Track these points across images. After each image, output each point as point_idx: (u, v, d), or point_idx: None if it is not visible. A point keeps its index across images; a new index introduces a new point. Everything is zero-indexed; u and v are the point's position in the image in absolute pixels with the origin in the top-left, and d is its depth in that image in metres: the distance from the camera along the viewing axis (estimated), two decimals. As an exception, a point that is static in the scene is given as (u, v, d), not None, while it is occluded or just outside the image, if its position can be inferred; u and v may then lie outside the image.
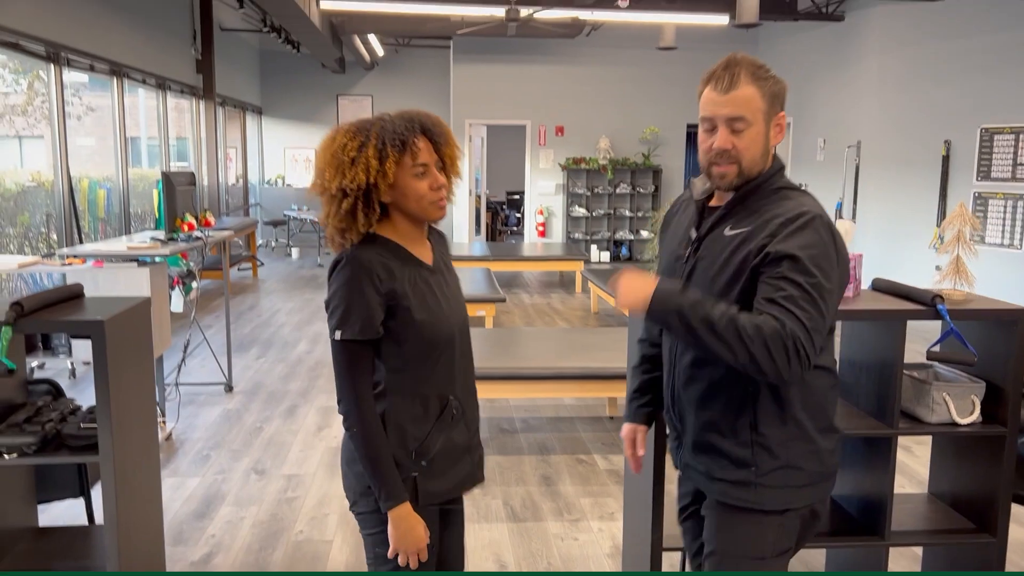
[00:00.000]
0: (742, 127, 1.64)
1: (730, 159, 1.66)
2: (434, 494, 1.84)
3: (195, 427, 4.85)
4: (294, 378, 5.95)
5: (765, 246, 1.61)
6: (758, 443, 1.72)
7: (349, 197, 1.74)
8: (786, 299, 1.55)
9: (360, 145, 1.74)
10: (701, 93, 1.72)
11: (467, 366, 1.93)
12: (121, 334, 2.37)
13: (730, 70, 1.66)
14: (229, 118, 12.60)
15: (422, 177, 1.77)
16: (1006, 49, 8.36)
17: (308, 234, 13.52)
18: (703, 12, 9.49)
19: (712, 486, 1.81)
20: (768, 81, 1.67)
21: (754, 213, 1.68)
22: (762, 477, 1.73)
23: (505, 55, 12.51)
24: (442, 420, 1.83)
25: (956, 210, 2.70)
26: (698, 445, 1.81)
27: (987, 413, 2.61)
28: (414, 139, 1.75)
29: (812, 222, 1.61)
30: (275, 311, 8.51)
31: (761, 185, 1.71)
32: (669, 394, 1.89)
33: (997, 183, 8.50)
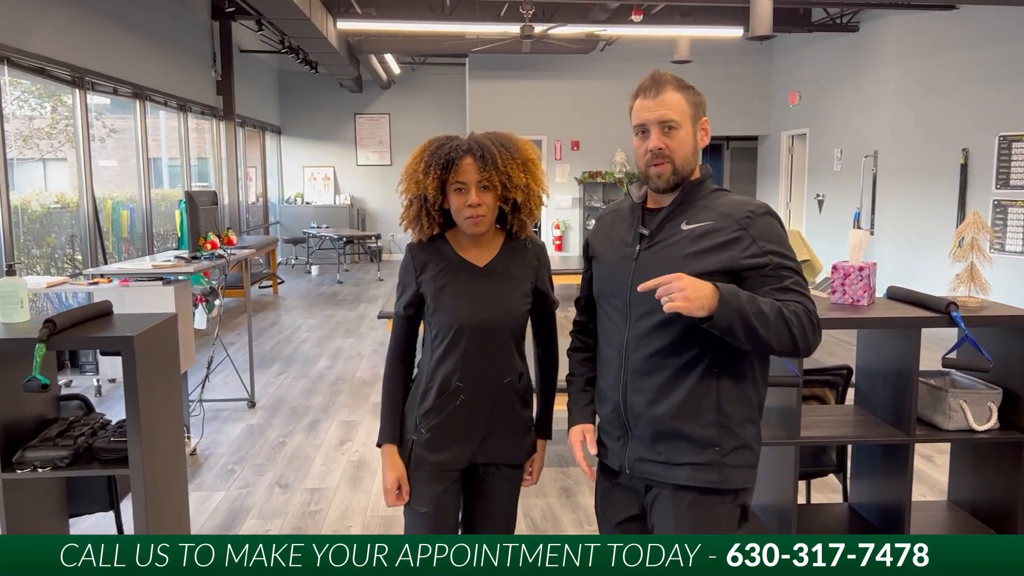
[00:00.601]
0: (672, 127, 1.80)
1: (664, 158, 1.81)
2: (424, 461, 2.07)
3: (219, 442, 4.92)
4: (316, 393, 6.02)
5: (738, 239, 1.76)
6: (721, 423, 1.81)
7: (413, 205, 2.06)
8: (795, 284, 1.75)
9: (419, 159, 2.03)
10: (631, 109, 1.87)
11: (492, 363, 2.07)
12: (150, 349, 2.43)
13: (656, 81, 1.83)
14: (249, 138, 12.78)
15: (460, 194, 2.00)
16: (1022, 57, 8.34)
17: (327, 251, 13.65)
18: (717, 25, 9.54)
19: (675, 472, 1.82)
20: (691, 91, 1.86)
21: (705, 209, 1.83)
22: (726, 456, 1.81)
23: (520, 71, 12.61)
24: (442, 401, 2.06)
25: (970, 217, 2.72)
26: (657, 435, 1.83)
27: (1004, 419, 2.62)
28: (459, 158, 1.98)
29: (769, 213, 1.81)
30: (296, 328, 8.60)
31: (700, 185, 1.86)
32: (616, 391, 1.89)
33: (1016, 191, 8.46)
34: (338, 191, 15.11)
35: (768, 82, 13.00)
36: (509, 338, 2.09)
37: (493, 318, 2.06)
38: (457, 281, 2.07)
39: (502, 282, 2.10)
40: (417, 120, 14.84)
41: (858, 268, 2.70)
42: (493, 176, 1.99)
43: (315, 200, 14.98)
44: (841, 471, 3.19)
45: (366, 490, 4.17)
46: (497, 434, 2.10)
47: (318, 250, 13.76)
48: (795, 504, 2.63)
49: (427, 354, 2.13)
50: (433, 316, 2.08)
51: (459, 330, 2.04)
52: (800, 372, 2.53)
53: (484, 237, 2.11)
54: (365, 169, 15.10)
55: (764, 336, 1.67)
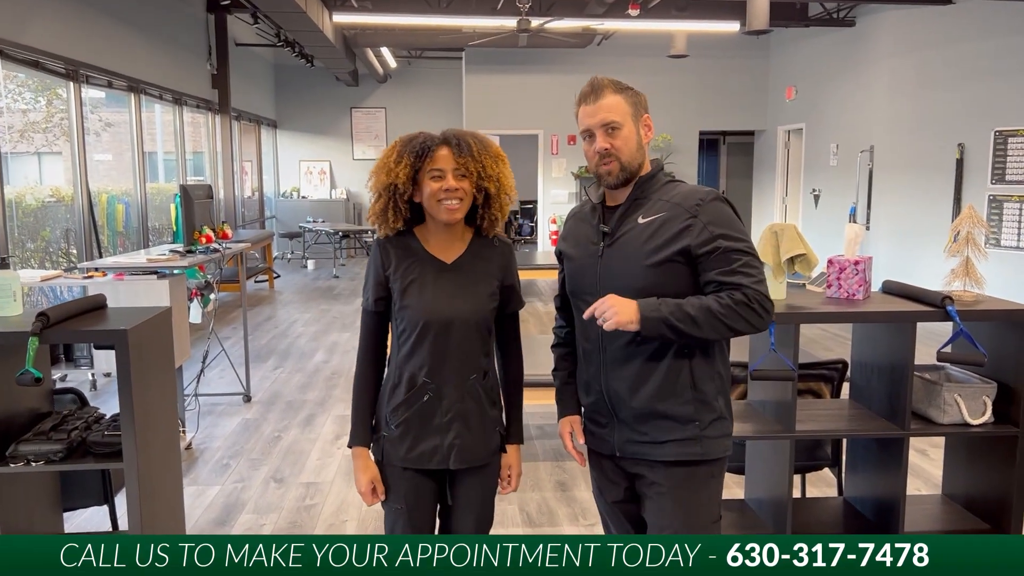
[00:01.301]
0: (615, 127, 1.92)
1: (610, 157, 1.93)
2: (396, 456, 2.09)
3: (214, 437, 4.91)
4: (311, 388, 6.01)
5: (690, 226, 1.87)
6: (698, 399, 1.94)
7: (382, 198, 2.07)
8: (743, 266, 1.86)
9: (391, 152, 2.07)
10: (576, 115, 1.99)
11: (458, 358, 2.08)
12: (144, 343, 2.42)
13: (595, 87, 1.95)
14: (244, 132, 12.74)
15: (436, 180, 2.03)
16: (1018, 52, 8.34)
17: (323, 246, 13.63)
18: (713, 20, 9.52)
19: (661, 449, 1.95)
20: (629, 91, 1.97)
21: (658, 201, 1.95)
22: (705, 429, 1.95)
23: (517, 65, 12.59)
24: (411, 398, 2.08)
25: (965, 212, 2.72)
26: (641, 416, 1.96)
27: (999, 413, 2.62)
28: (434, 147, 2.04)
29: (718, 199, 1.92)
30: (292, 322, 8.59)
31: (652, 179, 1.98)
32: (599, 380, 2.01)
33: (1012, 186, 8.47)
34: (334, 185, 15.09)
35: (764, 77, 12.99)
36: (476, 334, 2.09)
37: (460, 314, 2.07)
38: (424, 276, 2.09)
39: (469, 278, 2.11)
40: (413, 114, 14.82)
41: (854, 262, 2.70)
42: (469, 163, 2.03)
43: (311, 194, 14.95)
44: (836, 465, 3.20)
45: (362, 484, 4.17)
46: (465, 433, 2.09)
47: (314, 244, 13.74)
48: (790, 498, 2.63)
49: (395, 350, 2.15)
50: (400, 311, 2.09)
51: (425, 325, 2.05)
52: (796, 366, 2.53)
53: (454, 233, 2.12)
54: (361, 163, 15.07)
55: (697, 335, 1.82)
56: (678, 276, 1.89)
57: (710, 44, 12.07)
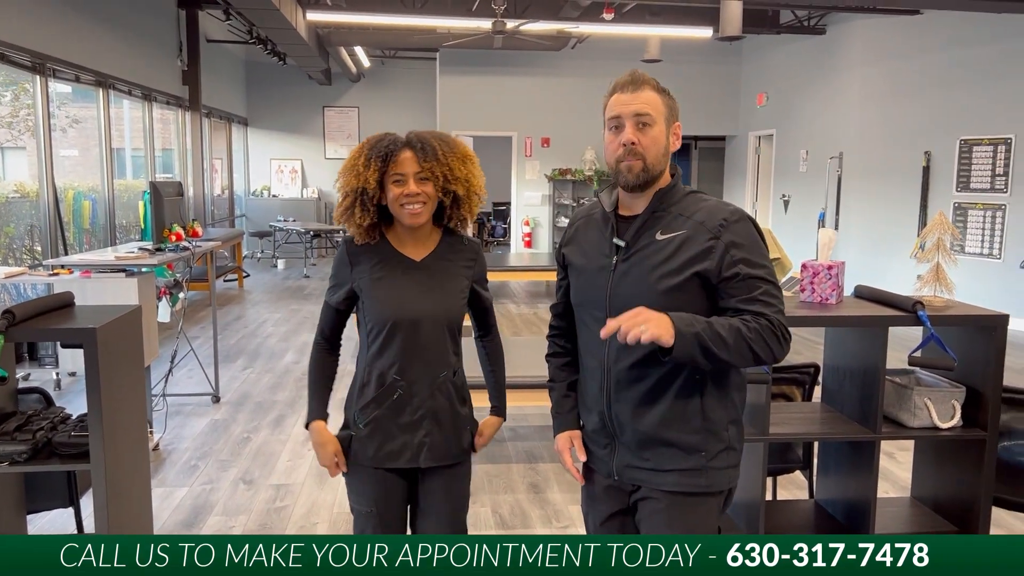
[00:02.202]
0: (647, 122, 1.78)
1: (636, 154, 1.78)
2: (364, 455, 2.09)
3: (182, 438, 4.84)
4: (281, 388, 5.95)
5: (711, 248, 1.75)
6: (706, 428, 1.82)
7: (348, 197, 2.06)
8: (764, 294, 1.74)
9: (359, 154, 2.05)
10: (606, 104, 1.85)
11: (428, 357, 2.08)
12: (113, 342, 2.38)
13: (635, 79, 1.82)
14: (215, 129, 12.60)
15: (398, 185, 2.02)
16: (983, 62, 8.50)
17: (294, 245, 13.50)
18: (687, 25, 9.60)
19: (663, 478, 1.83)
20: (667, 95, 1.85)
21: (679, 217, 1.81)
22: (711, 460, 1.83)
23: (491, 67, 12.58)
24: (380, 396, 2.07)
25: (936, 218, 2.76)
26: (645, 442, 1.84)
27: (967, 417, 2.66)
28: (397, 151, 2.02)
29: (744, 219, 1.79)
30: (261, 322, 8.50)
31: (672, 190, 1.84)
32: (601, 401, 1.89)
33: (976, 193, 8.63)
34: (305, 184, 14.97)
35: (736, 83, 13.11)
36: (445, 333, 2.10)
37: (429, 312, 2.07)
38: (393, 275, 2.08)
39: (438, 277, 2.11)
40: (387, 114, 14.75)
41: (827, 267, 2.72)
42: (434, 167, 2.02)
43: (282, 193, 14.82)
44: (807, 468, 3.23)
45: (332, 487, 4.13)
46: (436, 430, 2.10)
47: (284, 244, 13.61)
48: (764, 501, 2.65)
49: (363, 348, 2.15)
50: (368, 310, 2.08)
51: (395, 324, 2.05)
52: (770, 370, 2.55)
53: (421, 233, 2.12)
54: (334, 162, 14.96)
55: (725, 358, 1.69)
56: (694, 298, 1.77)
57: (683, 49, 12.16)
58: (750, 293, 1.74)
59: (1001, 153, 8.35)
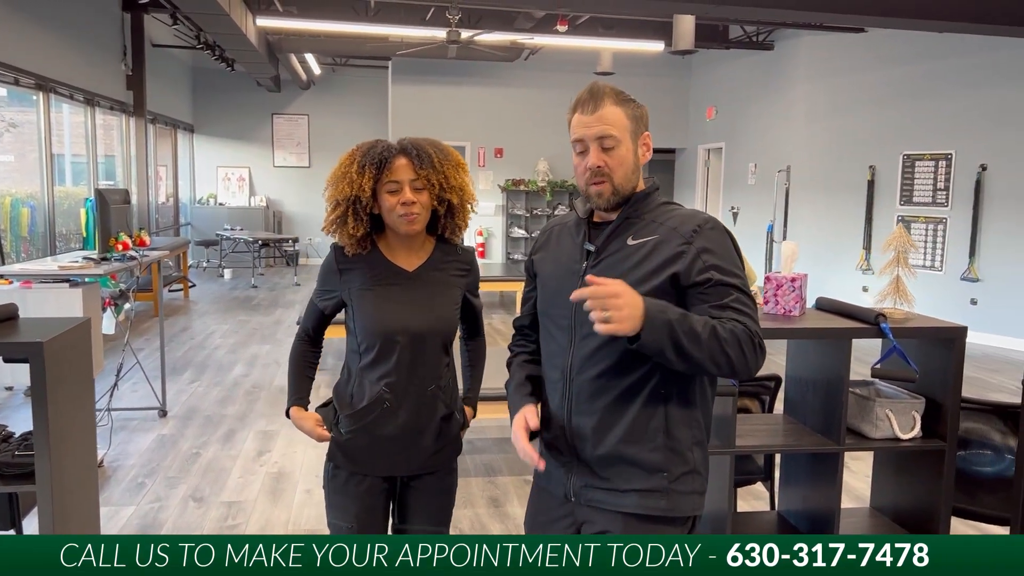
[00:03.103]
0: (611, 144, 1.72)
1: (603, 176, 1.72)
2: (344, 462, 2.05)
3: (128, 454, 4.67)
4: (231, 402, 5.80)
5: (682, 253, 1.69)
6: (670, 447, 1.74)
7: (340, 207, 1.99)
8: (735, 302, 1.68)
9: (351, 162, 1.99)
10: (570, 123, 1.79)
11: (420, 371, 2.02)
12: (61, 356, 2.27)
13: (595, 94, 1.74)
14: (160, 135, 12.31)
15: (394, 193, 1.97)
16: (925, 79, 8.76)
17: (241, 254, 13.25)
18: (639, 39, 9.70)
19: (621, 499, 1.74)
20: (631, 104, 1.77)
21: (651, 223, 1.76)
22: (674, 482, 1.74)
23: (444, 76, 12.54)
24: (367, 408, 2.01)
25: (895, 232, 2.80)
26: (604, 460, 1.75)
27: (926, 428, 2.70)
28: (392, 158, 1.95)
29: (717, 228, 1.74)
30: (209, 333, 8.30)
31: (646, 198, 1.80)
32: (562, 415, 1.79)
33: (919, 207, 8.87)
34: (253, 192, 14.71)
35: (686, 96, 13.29)
36: (439, 346, 2.05)
37: (423, 325, 2.01)
38: (385, 286, 2.02)
39: (432, 288, 2.06)
40: (337, 122, 14.60)
41: (790, 279, 2.74)
42: (430, 175, 1.98)
43: (229, 201, 14.54)
44: (768, 479, 3.24)
45: (287, 503, 4.02)
46: (420, 443, 2.05)
47: (231, 253, 13.35)
48: (731, 513, 2.65)
49: (354, 358, 2.08)
50: (359, 323, 2.03)
51: (389, 338, 2.00)
52: (737, 382, 2.55)
53: (414, 242, 2.07)
54: (282, 170, 14.74)
55: (696, 356, 1.59)
56: None
57: (635, 62, 12.28)
58: (721, 300, 1.67)
59: (942, 168, 8.60)
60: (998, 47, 7.96)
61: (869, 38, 9.37)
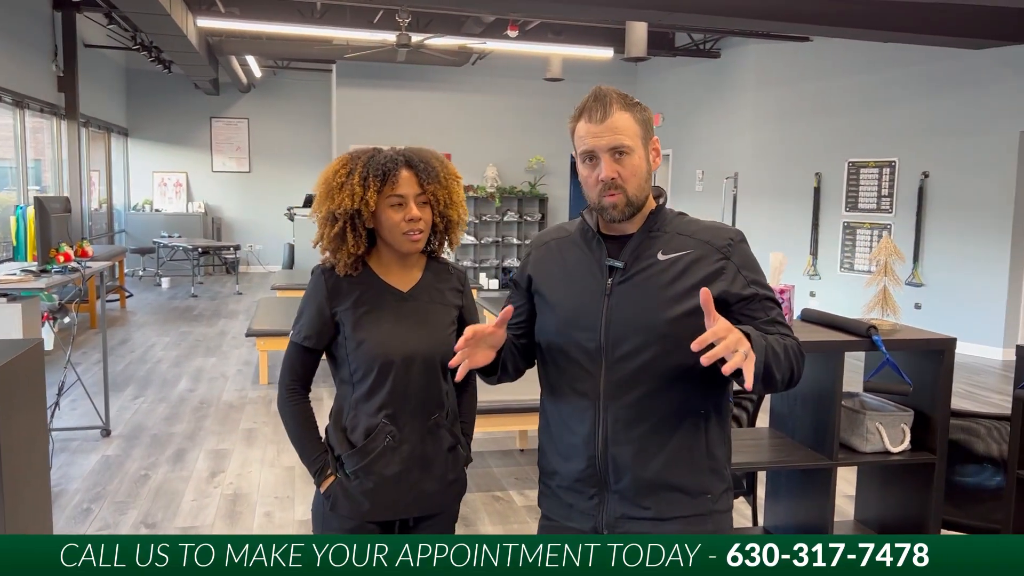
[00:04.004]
0: (624, 152, 1.63)
1: (616, 188, 1.63)
2: (348, 509, 1.88)
3: (71, 477, 4.40)
4: (178, 419, 5.54)
5: (723, 269, 1.65)
6: (712, 468, 1.69)
7: (339, 221, 1.84)
8: (779, 316, 1.69)
9: (348, 172, 1.85)
10: (574, 129, 1.69)
11: (420, 397, 1.88)
12: (13, 382, 2.07)
13: (602, 100, 1.64)
14: (93, 139, 11.83)
15: (398, 208, 1.84)
16: (870, 88, 8.94)
17: (180, 262, 12.81)
18: (589, 45, 9.68)
19: (664, 527, 1.66)
20: (637, 108, 1.68)
21: (677, 236, 1.69)
22: (716, 503, 1.70)
23: (390, 81, 12.35)
24: (368, 445, 1.86)
25: (882, 242, 2.78)
26: (646, 489, 1.65)
27: (915, 440, 2.68)
28: (396, 170, 1.84)
29: (745, 241, 1.72)
30: (150, 346, 7.96)
31: (662, 210, 1.72)
32: (594, 444, 1.67)
33: (864, 213, 9.05)
34: (191, 198, 14.26)
35: (632, 103, 13.33)
36: (438, 369, 1.91)
37: (421, 350, 1.88)
38: (381, 308, 1.88)
39: (428, 308, 1.93)
40: (279, 126, 14.26)
41: (779, 291, 2.69)
42: (436, 189, 1.87)
43: (165, 208, 14.06)
44: (751, 495, 3.19)
45: (245, 527, 3.83)
46: (427, 478, 1.91)
47: (169, 261, 12.91)
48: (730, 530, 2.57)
49: (347, 390, 1.92)
50: (353, 349, 1.87)
51: (386, 363, 1.85)
52: (732, 396, 2.48)
53: (408, 260, 1.94)
54: (221, 176, 14.33)
55: (777, 376, 1.54)
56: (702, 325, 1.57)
57: (585, 69, 12.27)
58: (768, 315, 1.66)
59: (886, 175, 8.79)
60: (940, 58, 8.17)
61: (814, 47, 9.53)
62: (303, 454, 1.93)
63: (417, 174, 1.85)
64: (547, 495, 1.78)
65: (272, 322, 6.54)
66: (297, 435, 1.93)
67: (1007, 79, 7.67)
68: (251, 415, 5.65)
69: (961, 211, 8.09)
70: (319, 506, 1.94)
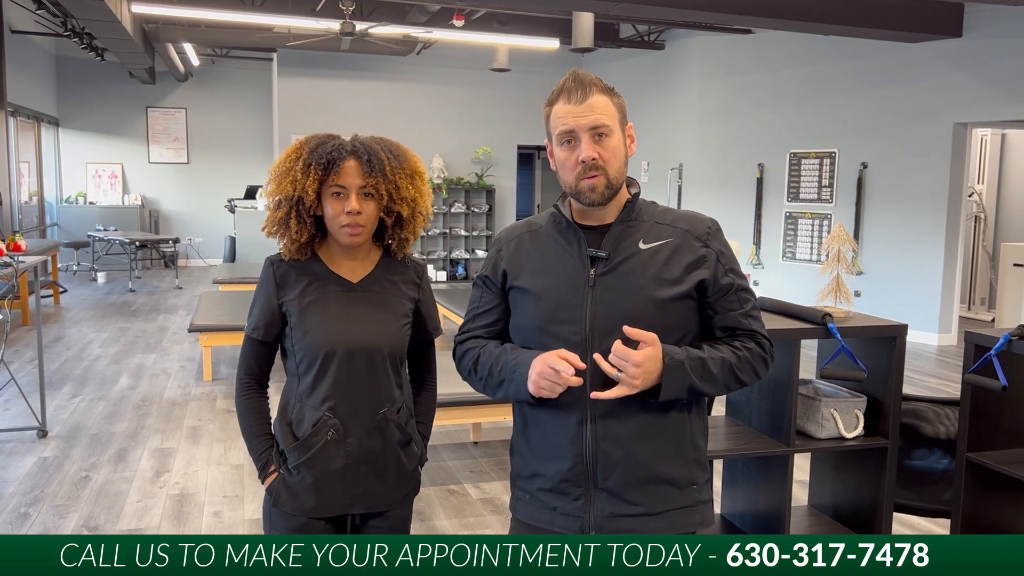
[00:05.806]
0: (604, 133, 1.62)
1: (597, 169, 1.61)
2: (290, 505, 1.85)
3: (6, 481, 4.23)
4: (119, 418, 5.36)
5: (704, 257, 1.66)
6: (696, 458, 1.70)
7: (283, 207, 1.82)
8: (753, 309, 1.72)
9: (296, 158, 1.80)
10: (549, 113, 1.68)
11: (366, 391, 1.84)
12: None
13: (581, 82, 1.64)
14: (21, 130, 11.37)
15: (338, 199, 1.80)
16: (812, 81, 9.11)
17: (116, 256, 12.42)
18: (535, 35, 9.66)
19: (656, 523, 1.65)
20: (614, 93, 1.69)
21: (657, 224, 1.68)
22: (701, 492, 1.71)
23: (333, 70, 12.15)
24: (311, 438, 1.82)
25: (835, 230, 2.81)
26: (636, 484, 1.64)
27: (868, 426, 2.72)
28: (341, 160, 1.78)
29: (720, 229, 1.74)
30: (86, 342, 7.70)
31: (638, 199, 1.71)
32: (580, 442, 1.64)
33: (805, 203, 9.22)
34: (127, 190, 13.84)
35: (578, 94, 13.36)
36: (387, 363, 1.86)
37: (368, 340, 1.83)
38: (327, 298, 1.85)
39: (378, 300, 1.88)
40: (218, 116, 13.93)
41: (736, 280, 2.70)
42: (380, 183, 1.80)
43: (100, 200, 13.61)
44: (707, 481, 3.21)
45: (194, 527, 3.72)
46: (372, 476, 1.86)
47: (105, 255, 12.50)
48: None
49: (292, 381, 1.89)
50: (298, 339, 1.84)
51: (329, 354, 1.82)
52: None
53: (359, 251, 1.90)
54: (159, 167, 13.94)
55: (711, 392, 1.65)
56: (687, 313, 1.66)
57: (531, 60, 12.27)
58: (742, 307, 1.69)
59: (826, 165, 8.97)
60: (877, 51, 8.36)
61: (758, 40, 9.67)
62: (250, 449, 1.90)
63: (361, 164, 1.79)
64: (525, 500, 1.74)
65: (215, 317, 6.37)
66: (246, 430, 1.91)
67: (942, 72, 7.89)
68: (195, 412, 5.50)
69: (898, 201, 8.30)
70: (266, 503, 1.90)
